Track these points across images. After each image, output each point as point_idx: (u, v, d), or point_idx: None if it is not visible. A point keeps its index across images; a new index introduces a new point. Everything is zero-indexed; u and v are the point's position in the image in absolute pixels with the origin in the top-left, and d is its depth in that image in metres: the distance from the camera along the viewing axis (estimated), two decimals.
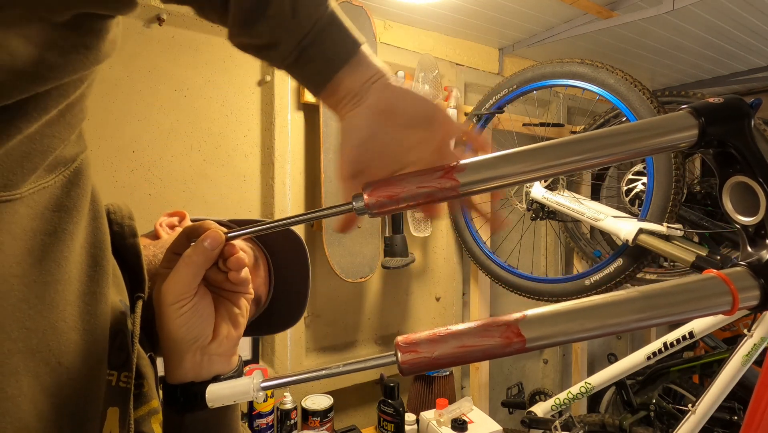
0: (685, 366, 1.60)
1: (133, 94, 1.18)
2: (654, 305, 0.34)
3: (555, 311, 0.33)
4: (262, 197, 1.39)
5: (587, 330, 0.33)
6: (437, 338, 0.32)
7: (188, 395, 0.43)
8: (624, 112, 1.23)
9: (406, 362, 0.32)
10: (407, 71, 1.53)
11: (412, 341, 0.32)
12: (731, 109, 0.40)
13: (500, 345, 0.32)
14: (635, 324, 0.33)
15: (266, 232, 0.44)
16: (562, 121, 2.05)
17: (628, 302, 0.34)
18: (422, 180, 0.39)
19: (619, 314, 0.33)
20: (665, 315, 0.34)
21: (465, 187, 0.39)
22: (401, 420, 1.34)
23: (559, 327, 0.33)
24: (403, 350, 0.32)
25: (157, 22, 1.19)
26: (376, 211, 0.39)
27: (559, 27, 1.64)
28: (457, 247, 1.78)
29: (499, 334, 0.32)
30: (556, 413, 1.50)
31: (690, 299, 0.34)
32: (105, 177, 1.15)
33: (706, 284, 0.35)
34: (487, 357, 0.33)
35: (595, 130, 0.54)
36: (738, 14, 1.51)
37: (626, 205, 1.58)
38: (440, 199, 0.40)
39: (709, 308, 0.34)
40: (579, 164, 0.40)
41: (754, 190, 0.39)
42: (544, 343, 0.33)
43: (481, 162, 0.40)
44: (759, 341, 1.11)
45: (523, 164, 0.40)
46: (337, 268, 1.38)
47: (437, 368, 0.33)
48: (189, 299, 0.42)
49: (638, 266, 1.25)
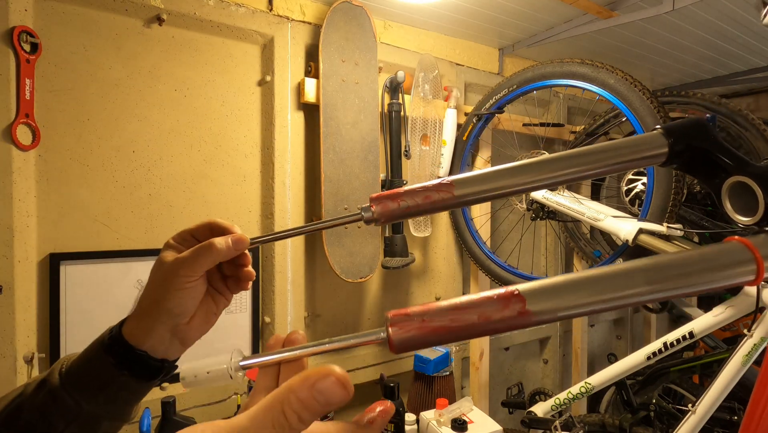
0: (685, 366, 1.59)
1: (133, 94, 1.18)
2: (669, 275, 0.30)
3: (560, 281, 0.30)
4: (262, 197, 1.39)
5: (596, 302, 0.30)
6: (432, 311, 0.29)
7: (148, 364, 0.45)
8: (624, 112, 1.23)
9: (398, 337, 0.28)
10: (407, 71, 1.53)
11: (404, 313, 0.29)
12: (694, 125, 0.45)
13: (503, 318, 0.29)
14: (649, 296, 0.30)
15: (284, 238, 0.49)
16: (562, 121, 2.05)
17: (641, 272, 0.30)
18: (424, 191, 0.43)
19: (632, 284, 0.30)
20: (682, 286, 0.30)
21: (460, 198, 0.44)
22: (401, 420, 1.34)
23: (565, 299, 0.30)
24: (393, 324, 0.29)
25: (157, 22, 1.19)
26: (381, 219, 0.43)
27: (559, 27, 1.64)
28: (457, 247, 1.78)
29: (500, 304, 0.29)
30: (556, 413, 1.50)
31: (710, 268, 0.31)
32: (105, 177, 1.15)
33: (727, 250, 0.32)
34: (488, 329, 0.29)
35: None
36: (738, 14, 1.52)
37: (626, 205, 1.58)
38: (441, 208, 0.44)
39: (731, 277, 0.31)
40: (562, 179, 0.44)
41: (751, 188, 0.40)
42: (549, 316, 0.29)
43: (473, 177, 0.45)
44: (759, 341, 1.11)
45: (511, 179, 0.44)
46: (337, 268, 1.38)
47: (432, 344, 0.29)
48: (196, 279, 0.45)
49: None
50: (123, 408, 0.45)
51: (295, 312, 1.41)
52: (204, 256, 0.44)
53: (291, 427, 0.24)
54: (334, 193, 1.37)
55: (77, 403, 0.42)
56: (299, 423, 0.24)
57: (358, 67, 1.42)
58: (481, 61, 1.83)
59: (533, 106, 1.94)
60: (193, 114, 1.27)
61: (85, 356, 0.45)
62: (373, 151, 1.45)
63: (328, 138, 1.36)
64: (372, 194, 0.44)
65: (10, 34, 1.00)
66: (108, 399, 0.44)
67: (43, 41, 1.05)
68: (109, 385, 0.44)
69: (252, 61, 1.36)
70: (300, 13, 1.39)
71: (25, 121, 1.03)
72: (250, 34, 1.33)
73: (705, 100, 1.55)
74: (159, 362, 0.45)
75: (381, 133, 1.51)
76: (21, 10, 1.02)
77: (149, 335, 0.44)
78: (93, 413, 0.43)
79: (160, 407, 1.07)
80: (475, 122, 1.61)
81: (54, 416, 0.42)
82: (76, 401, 0.42)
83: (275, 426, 0.24)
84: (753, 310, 1.15)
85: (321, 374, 0.24)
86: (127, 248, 1.18)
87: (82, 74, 1.12)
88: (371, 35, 1.44)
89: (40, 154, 1.07)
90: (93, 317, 1.12)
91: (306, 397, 0.24)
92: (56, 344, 1.08)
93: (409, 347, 0.29)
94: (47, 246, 1.08)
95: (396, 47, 1.59)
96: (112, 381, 0.44)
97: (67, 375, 0.43)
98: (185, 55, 1.25)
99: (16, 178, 1.02)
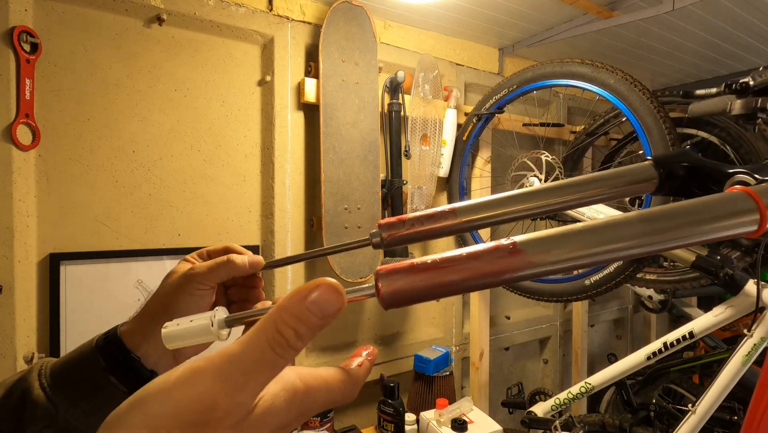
0: (685, 366, 1.60)
1: (133, 94, 1.18)
2: (670, 226, 0.30)
3: (558, 232, 0.30)
4: (262, 197, 1.39)
5: (595, 253, 0.29)
6: (424, 262, 0.28)
7: (138, 372, 0.44)
8: (624, 112, 1.23)
9: (387, 289, 0.27)
10: (407, 71, 1.53)
11: (392, 267, 0.28)
12: (679, 154, 0.50)
13: (499, 267, 0.28)
14: (648, 247, 0.29)
15: (297, 262, 0.52)
16: (562, 121, 2.05)
17: (640, 222, 0.30)
18: (429, 219, 0.47)
19: (632, 234, 0.29)
20: (682, 236, 0.30)
21: (464, 223, 0.47)
22: (401, 420, 1.34)
23: (564, 249, 0.29)
24: (382, 276, 0.27)
25: (157, 22, 1.19)
26: (390, 245, 0.47)
27: (559, 27, 1.64)
28: (456, 246, 1.78)
29: (497, 254, 0.28)
30: (556, 413, 1.50)
31: (710, 218, 0.30)
32: (105, 177, 1.15)
33: (729, 198, 0.31)
34: (483, 282, 0.28)
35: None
36: (738, 14, 1.51)
37: (626, 205, 1.58)
38: (446, 233, 0.47)
39: (732, 227, 0.30)
40: (556, 207, 0.47)
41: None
42: (548, 267, 0.28)
43: (476, 204, 0.48)
44: (759, 341, 1.12)
45: (507, 207, 0.47)
46: (337, 268, 1.38)
47: (425, 297, 0.27)
48: (208, 287, 0.46)
49: (638, 265, 1.25)
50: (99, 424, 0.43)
51: None
52: (221, 267, 0.46)
53: (288, 344, 0.23)
54: (334, 193, 1.37)
55: (55, 406, 0.40)
56: (296, 339, 0.23)
57: (358, 67, 1.42)
58: (481, 61, 1.83)
59: (533, 106, 1.94)
60: (193, 114, 1.27)
61: (75, 356, 0.43)
62: (373, 151, 1.45)
63: (328, 138, 1.36)
64: (380, 221, 0.47)
65: (10, 34, 1.00)
66: (88, 411, 0.41)
67: (43, 41, 1.05)
68: (94, 394, 0.42)
69: (252, 61, 1.36)
70: (300, 13, 1.39)
71: (25, 121, 1.03)
72: (250, 34, 1.33)
73: None
74: (149, 373, 0.44)
75: (381, 133, 1.51)
76: (21, 10, 1.02)
77: (147, 338, 0.44)
78: (68, 424, 0.40)
79: None
80: (475, 122, 1.61)
81: (26, 420, 0.40)
82: (54, 404, 0.40)
83: (272, 345, 0.23)
84: (753, 310, 1.15)
85: (312, 285, 0.23)
86: (127, 247, 1.18)
87: (82, 74, 1.12)
88: (371, 35, 1.44)
89: (40, 154, 1.07)
90: (93, 317, 1.12)
91: (299, 310, 0.23)
92: (56, 344, 1.08)
93: (399, 301, 0.27)
94: (47, 246, 1.08)
95: (396, 47, 1.59)
96: (98, 389, 0.42)
97: (52, 374, 0.42)
98: (185, 55, 1.25)
99: (16, 178, 1.02)
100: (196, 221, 1.28)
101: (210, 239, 1.29)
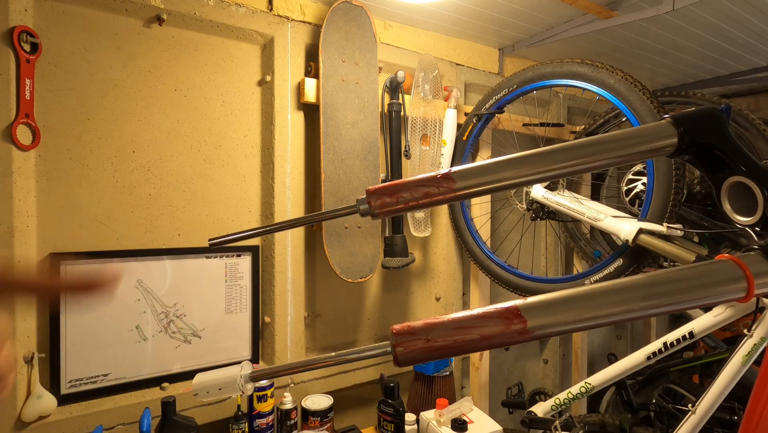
0: (685, 366, 1.60)
1: (133, 94, 1.18)
2: (662, 292, 0.31)
3: (558, 297, 0.31)
4: (262, 197, 1.39)
5: (593, 318, 0.31)
6: (436, 329, 0.30)
7: None
8: (624, 112, 1.23)
9: (403, 355, 0.30)
10: (407, 71, 1.53)
11: (408, 331, 0.30)
12: (706, 116, 0.43)
13: (504, 334, 0.30)
14: (644, 312, 0.31)
15: (251, 237, 0.46)
16: (562, 121, 2.05)
17: (634, 289, 0.31)
18: (422, 183, 0.41)
19: (628, 300, 0.31)
20: (675, 302, 0.31)
21: (460, 190, 0.42)
22: (401, 420, 1.34)
23: (563, 315, 0.30)
24: (399, 343, 0.30)
25: (157, 22, 1.19)
26: (378, 212, 0.41)
27: (559, 27, 1.64)
28: (457, 247, 1.78)
29: (501, 321, 0.30)
30: (556, 413, 1.50)
31: (701, 285, 0.31)
32: (105, 177, 1.15)
33: (718, 268, 0.32)
34: (489, 346, 0.30)
35: (586, 136, 0.56)
36: (738, 14, 1.52)
37: (626, 205, 1.58)
38: (439, 201, 0.42)
39: (722, 294, 0.32)
40: (565, 171, 0.42)
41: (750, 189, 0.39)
42: (548, 331, 0.30)
43: (473, 169, 0.43)
44: (759, 341, 1.11)
45: (513, 171, 0.42)
46: (337, 268, 1.38)
47: (434, 359, 0.30)
48: None
49: (638, 266, 1.25)
50: None
51: (295, 312, 1.41)
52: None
53: None
54: (334, 193, 1.37)
55: None
56: None
57: (358, 67, 1.42)
58: (481, 61, 1.83)
59: (533, 106, 1.94)
60: (193, 114, 1.27)
61: None
62: (373, 151, 1.45)
63: (328, 138, 1.36)
64: (369, 187, 0.43)
65: (10, 34, 1.00)
66: None
67: (43, 41, 1.05)
68: None
69: (252, 61, 1.36)
70: (300, 13, 1.39)
71: (25, 121, 1.03)
72: (250, 34, 1.33)
73: (705, 100, 1.55)
74: None
75: (381, 133, 1.51)
76: (21, 10, 1.02)
77: None
78: None
79: (160, 407, 1.07)
80: (475, 122, 1.61)
81: None
82: None
83: None
84: (753, 310, 1.15)
85: None
86: (127, 247, 1.18)
87: (82, 74, 1.12)
88: (371, 35, 1.44)
89: (40, 154, 1.07)
90: (93, 317, 1.12)
91: None
92: (56, 344, 1.08)
93: (413, 362, 0.31)
94: (47, 246, 1.08)
95: (396, 47, 1.59)
96: None
97: None
98: (185, 55, 1.25)
99: (16, 178, 1.03)
100: (196, 221, 1.28)
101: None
